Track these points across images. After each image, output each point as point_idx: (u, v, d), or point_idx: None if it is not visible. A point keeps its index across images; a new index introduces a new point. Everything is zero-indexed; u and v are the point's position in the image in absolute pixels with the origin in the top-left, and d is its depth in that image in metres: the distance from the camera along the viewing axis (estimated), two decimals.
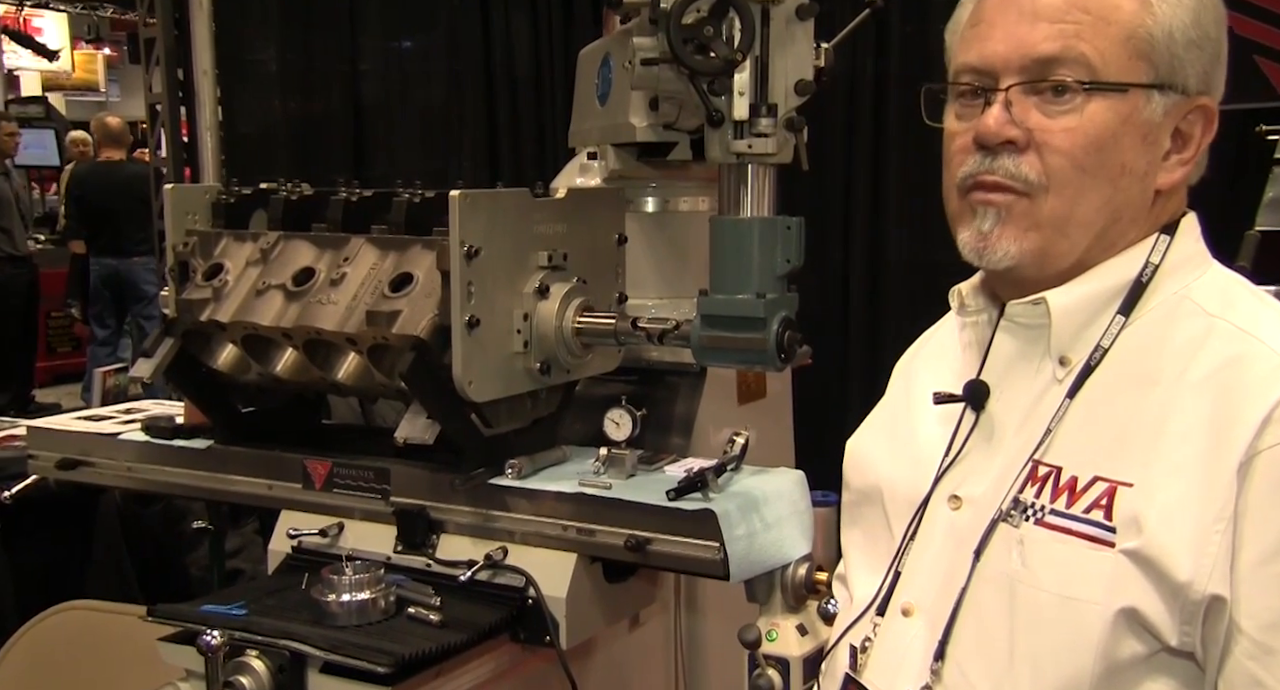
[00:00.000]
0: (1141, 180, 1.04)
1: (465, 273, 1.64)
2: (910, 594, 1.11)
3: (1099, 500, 0.97)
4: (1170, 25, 1.02)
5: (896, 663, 1.09)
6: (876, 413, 1.32)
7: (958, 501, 1.10)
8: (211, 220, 2.02)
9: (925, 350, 1.30)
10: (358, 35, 5.09)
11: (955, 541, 1.08)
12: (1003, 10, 1.05)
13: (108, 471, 2.13)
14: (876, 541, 1.19)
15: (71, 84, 15.51)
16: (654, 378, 2.10)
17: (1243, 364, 0.96)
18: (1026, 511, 1.02)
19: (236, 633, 1.47)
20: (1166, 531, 0.93)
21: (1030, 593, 0.99)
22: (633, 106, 1.90)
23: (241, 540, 2.85)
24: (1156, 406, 0.98)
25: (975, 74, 1.06)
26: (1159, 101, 1.03)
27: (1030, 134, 1.03)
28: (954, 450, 1.11)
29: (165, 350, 1.93)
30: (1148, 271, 1.05)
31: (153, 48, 5.52)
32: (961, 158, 1.08)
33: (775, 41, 1.50)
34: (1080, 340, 1.05)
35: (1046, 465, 1.03)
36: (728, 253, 1.62)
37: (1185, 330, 1.01)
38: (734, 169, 1.60)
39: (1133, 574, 0.94)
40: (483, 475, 1.76)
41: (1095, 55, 1.01)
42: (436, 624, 1.54)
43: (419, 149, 5.05)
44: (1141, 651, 0.94)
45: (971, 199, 1.07)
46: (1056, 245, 1.05)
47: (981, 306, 1.16)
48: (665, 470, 1.81)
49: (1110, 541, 0.95)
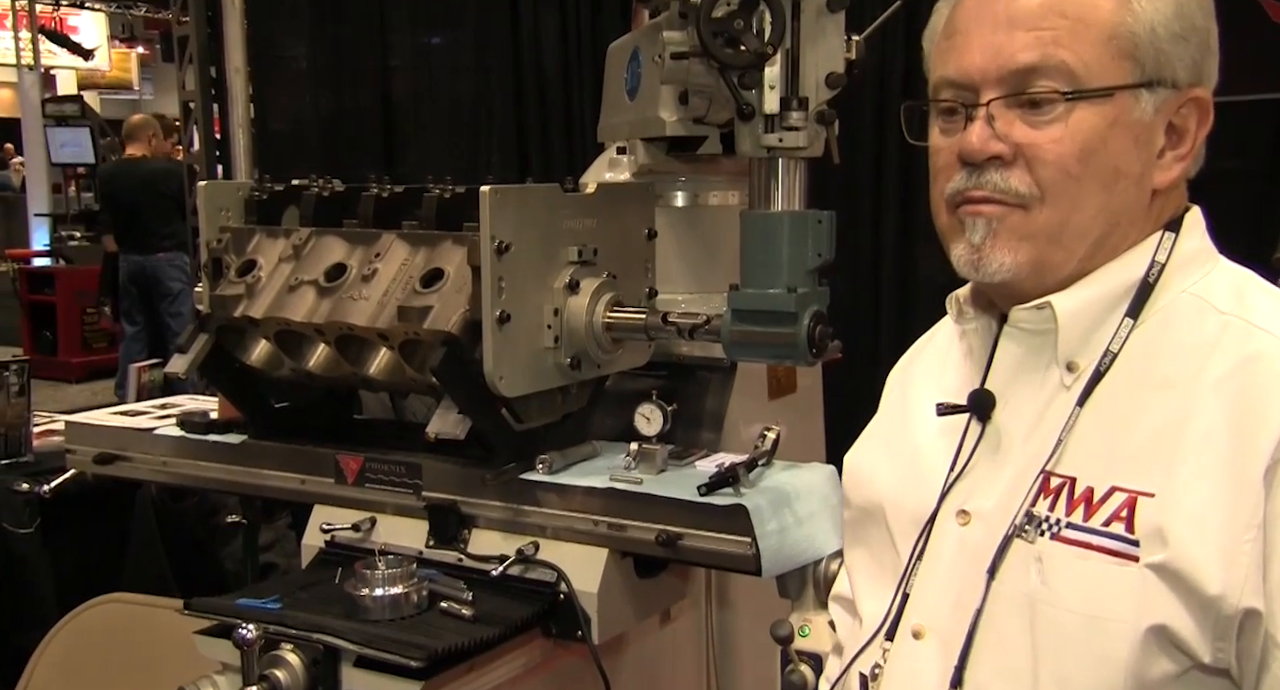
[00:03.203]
0: (1137, 182, 1.01)
1: (496, 268, 1.64)
2: (920, 616, 1.06)
3: (1119, 512, 0.93)
4: (1152, 20, 0.98)
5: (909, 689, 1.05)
6: (874, 426, 1.27)
7: (966, 516, 1.05)
8: (244, 216, 2.03)
9: (921, 360, 1.25)
10: (387, 32, 5.11)
11: (966, 559, 1.03)
12: (978, 19, 1.02)
13: (143, 466, 2.16)
14: (882, 561, 1.14)
15: (106, 82, 15.71)
16: (684, 373, 2.10)
17: (1261, 362, 0.92)
18: (1041, 526, 0.98)
19: (271, 626, 1.48)
20: (1193, 543, 0.89)
21: (1052, 612, 0.94)
22: (662, 101, 1.90)
23: (274, 534, 2.87)
24: (1173, 411, 0.94)
25: (955, 89, 1.04)
26: (1148, 100, 0.99)
27: (1017, 147, 1.00)
28: (960, 463, 1.07)
29: (199, 346, 1.94)
30: (1154, 271, 1.01)
31: (186, 46, 5.58)
32: (948, 174, 1.05)
33: (806, 34, 1.50)
34: (1088, 345, 1.01)
35: (1059, 476, 0.98)
36: (758, 247, 1.61)
37: (1197, 330, 0.98)
38: (764, 163, 1.59)
39: (1160, 589, 0.89)
40: (513, 470, 1.76)
41: (1076, 61, 0.97)
42: (469, 618, 1.55)
43: (448, 145, 5.06)
44: (1173, 670, 0.90)
45: (961, 212, 1.04)
46: (1051, 256, 1.01)
47: (979, 313, 1.13)
48: (696, 465, 1.81)
49: (1134, 555, 0.91)
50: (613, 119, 2.19)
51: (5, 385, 2.89)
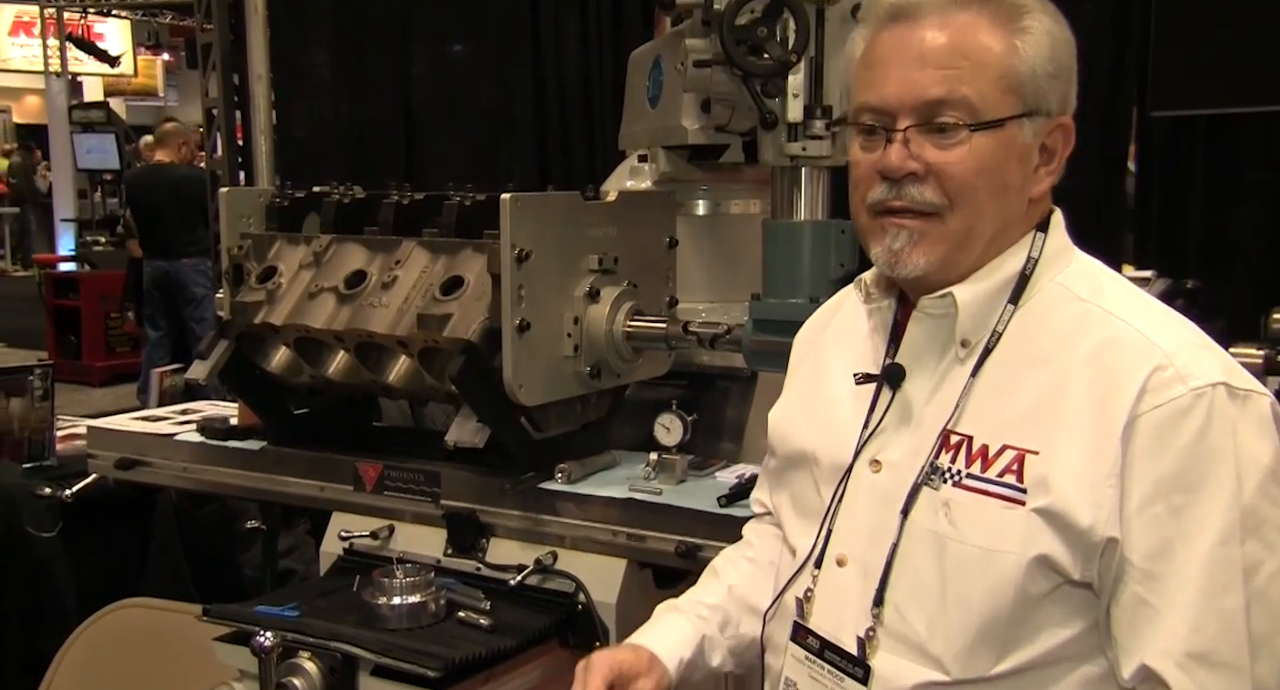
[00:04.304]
0: (1020, 192, 1.21)
1: (516, 276, 1.64)
2: (843, 547, 1.26)
3: (1010, 466, 1.15)
4: (1033, 62, 1.18)
5: (838, 609, 1.25)
6: (791, 385, 1.45)
7: (878, 465, 1.25)
8: (265, 223, 2.04)
9: (831, 330, 1.43)
10: (409, 40, 5.12)
11: (878, 499, 1.23)
12: (895, 55, 1.20)
13: (164, 471, 2.17)
14: (806, 503, 1.33)
15: (132, 89, 15.83)
16: (704, 382, 2.09)
17: (1117, 345, 1.15)
18: (944, 475, 1.18)
19: (289, 634, 1.47)
20: (1070, 489, 1.11)
21: (958, 547, 1.16)
22: (684, 109, 1.89)
23: (293, 540, 2.87)
24: (1050, 384, 1.16)
25: (874, 114, 1.21)
26: (1029, 127, 1.19)
27: (928, 166, 1.18)
28: (873, 423, 1.26)
29: (220, 352, 1.95)
30: (1029, 265, 1.22)
31: (209, 53, 5.62)
32: (869, 184, 1.23)
33: (830, 42, 1.49)
34: (979, 326, 1.21)
35: (958, 435, 1.19)
36: (780, 256, 1.60)
37: (1064, 314, 1.19)
38: (787, 172, 1.58)
39: (1042, 527, 1.12)
40: (532, 479, 1.76)
41: (975, 96, 1.17)
42: (486, 628, 1.54)
43: (469, 153, 5.06)
44: (1048, 586, 1.13)
45: (884, 222, 1.22)
46: (957, 255, 1.21)
47: (883, 295, 1.31)
48: (716, 476, 1.80)
49: (1022, 501, 1.13)
50: (634, 127, 2.18)
51: (30, 389, 2.91)
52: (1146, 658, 1.10)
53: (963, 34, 1.18)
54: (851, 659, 1.22)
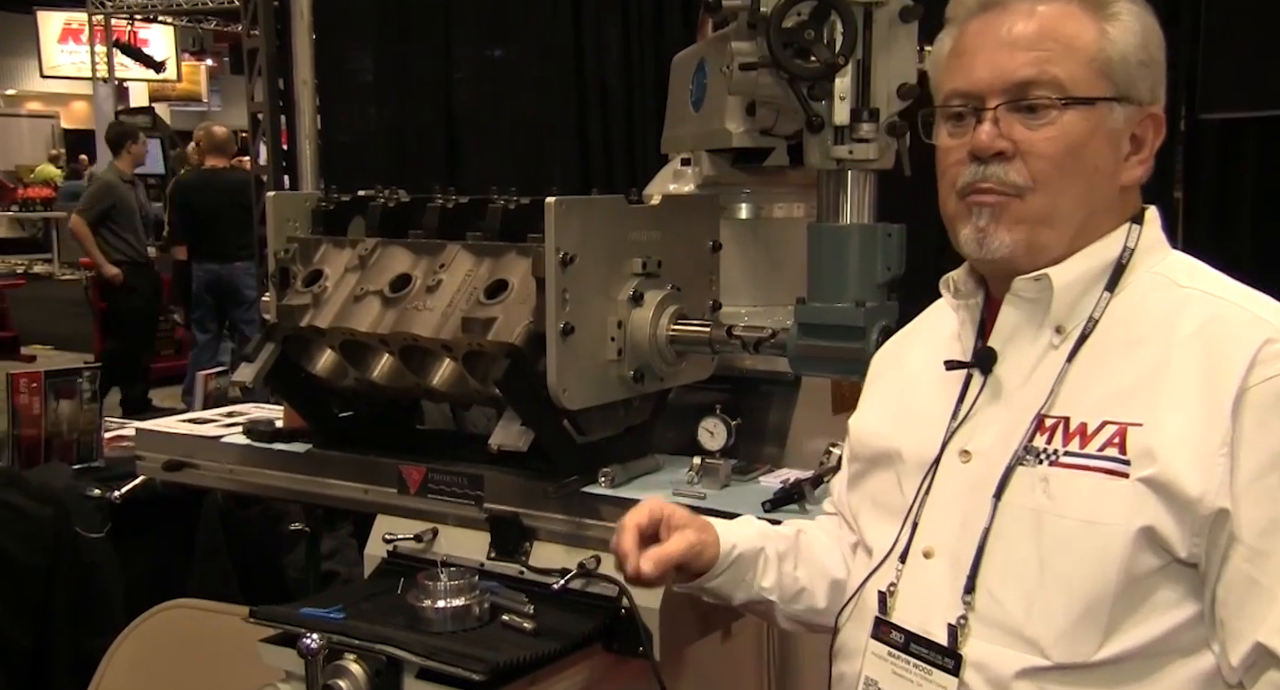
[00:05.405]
0: (1109, 178, 1.22)
1: (560, 279, 1.64)
2: (930, 539, 1.23)
3: (1111, 439, 1.13)
4: (1124, 48, 1.19)
5: (925, 601, 1.22)
6: (871, 396, 1.44)
7: (968, 455, 1.23)
8: (311, 227, 2.05)
9: (910, 340, 1.43)
10: (452, 45, 5.15)
11: (969, 489, 1.21)
12: (982, 41, 1.22)
13: (210, 474, 2.19)
14: (887, 502, 1.31)
15: (176, 94, 16.05)
16: (747, 386, 2.08)
17: (1222, 320, 1.14)
18: (1040, 455, 1.17)
19: (335, 636, 1.48)
20: (1178, 458, 1.09)
21: (1057, 522, 1.13)
22: (729, 112, 1.88)
23: (336, 542, 2.89)
24: (1151, 361, 1.15)
25: (963, 97, 1.23)
26: (1120, 112, 1.20)
27: (1016, 145, 1.19)
28: (964, 410, 1.25)
29: (266, 355, 1.96)
30: (1125, 254, 1.22)
31: (255, 58, 5.68)
32: (958, 169, 1.23)
33: (877, 44, 1.48)
34: (1074, 312, 1.21)
35: (1053, 417, 1.18)
36: (826, 260, 1.59)
37: (1162, 300, 1.19)
38: (833, 175, 1.57)
39: (1149, 497, 1.09)
40: (576, 483, 1.75)
41: (1066, 76, 1.18)
42: (530, 632, 1.54)
43: (511, 156, 5.08)
44: (1155, 564, 1.10)
45: (969, 200, 1.23)
46: (1042, 236, 1.21)
47: (973, 290, 1.31)
48: (760, 481, 1.79)
49: (1125, 473, 1.11)
50: (677, 130, 2.18)
51: (78, 392, 2.95)
52: (1260, 636, 1.07)
53: (1052, 21, 1.19)
54: (941, 650, 1.19)
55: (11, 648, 2.43)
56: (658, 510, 1.35)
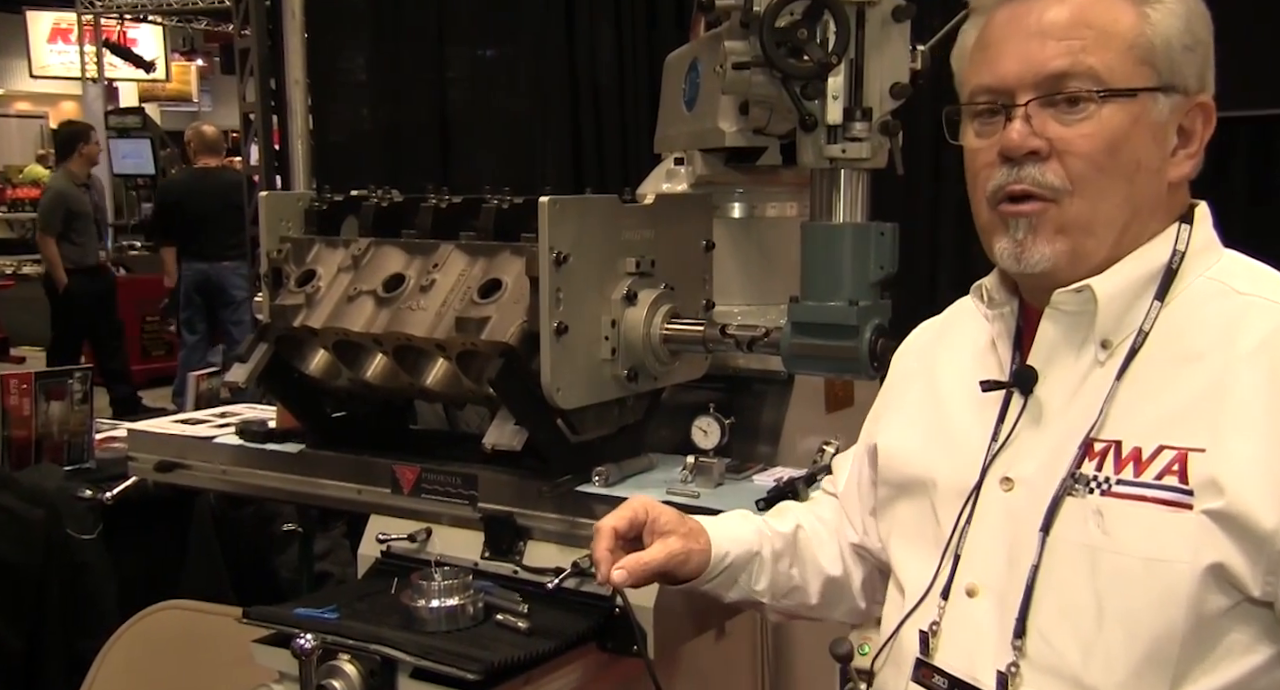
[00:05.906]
0: (1155, 175, 1.11)
1: (554, 279, 1.64)
2: (974, 575, 1.14)
3: (1170, 466, 1.02)
4: (1167, 33, 1.09)
5: (971, 644, 1.12)
6: (897, 407, 1.35)
7: (1010, 483, 1.13)
8: (304, 227, 2.05)
9: (943, 349, 1.32)
10: (445, 45, 5.15)
11: (1013, 521, 1.11)
12: (1010, 32, 1.11)
13: (203, 474, 2.18)
14: (921, 531, 1.22)
15: (166, 95, 15.99)
16: (741, 385, 2.08)
17: None
18: (1090, 484, 1.06)
19: (329, 636, 1.48)
20: (1247, 489, 0.98)
21: (1114, 559, 1.03)
22: (721, 111, 1.89)
23: (329, 543, 2.89)
24: (1210, 378, 1.04)
25: (991, 93, 1.13)
26: (1164, 102, 1.10)
27: (1051, 143, 1.09)
28: (1004, 434, 1.15)
29: (259, 355, 1.96)
30: (1176, 258, 1.11)
31: (247, 58, 5.67)
32: (988, 172, 1.13)
33: (870, 44, 1.48)
34: (1121, 324, 1.10)
35: (1103, 441, 1.07)
36: (819, 259, 1.59)
37: (1220, 309, 1.08)
38: (826, 174, 1.57)
39: (1216, 532, 0.99)
40: (570, 482, 1.75)
41: (1102, 67, 1.07)
42: (524, 631, 1.54)
43: (504, 156, 5.08)
44: (1226, 604, 1.00)
45: (1002, 210, 1.13)
46: (1084, 244, 1.11)
47: (1006, 299, 1.21)
48: (754, 479, 1.79)
49: (1188, 504, 1.00)
50: (670, 130, 2.18)
51: (69, 393, 2.94)
52: None
53: (1086, 5, 1.09)
54: None
55: (3, 649, 2.42)
56: (641, 512, 1.30)
